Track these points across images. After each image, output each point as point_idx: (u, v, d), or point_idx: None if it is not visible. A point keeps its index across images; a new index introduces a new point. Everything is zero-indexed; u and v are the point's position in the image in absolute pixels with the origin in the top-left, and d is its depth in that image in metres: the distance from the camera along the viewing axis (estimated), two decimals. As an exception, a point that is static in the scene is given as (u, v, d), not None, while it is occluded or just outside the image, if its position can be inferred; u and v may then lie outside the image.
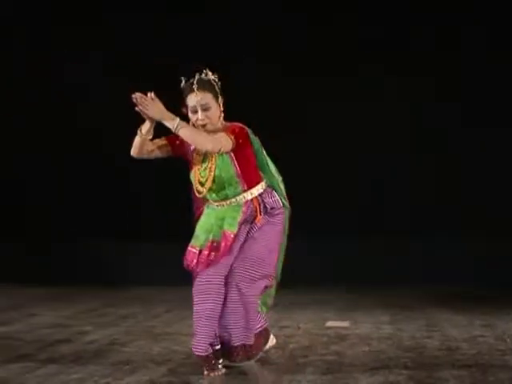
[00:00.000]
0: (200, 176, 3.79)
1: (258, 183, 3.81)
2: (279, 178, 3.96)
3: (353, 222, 8.34)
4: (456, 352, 4.25)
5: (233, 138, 3.68)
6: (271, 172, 3.90)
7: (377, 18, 8.41)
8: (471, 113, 8.29)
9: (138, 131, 3.78)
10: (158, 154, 3.84)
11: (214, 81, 3.76)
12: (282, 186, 3.94)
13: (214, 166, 3.74)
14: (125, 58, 8.58)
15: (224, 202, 3.79)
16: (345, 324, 5.33)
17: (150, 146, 3.80)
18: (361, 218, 8.41)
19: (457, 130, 8.35)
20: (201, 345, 3.77)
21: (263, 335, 3.99)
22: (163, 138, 3.85)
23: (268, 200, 3.80)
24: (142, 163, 4.03)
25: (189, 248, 3.82)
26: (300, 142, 8.28)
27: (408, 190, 8.43)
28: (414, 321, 5.50)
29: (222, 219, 3.76)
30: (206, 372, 3.77)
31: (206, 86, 3.71)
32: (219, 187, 3.76)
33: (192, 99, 3.71)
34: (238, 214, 3.75)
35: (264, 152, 3.89)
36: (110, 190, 8.67)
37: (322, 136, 8.42)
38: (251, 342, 3.88)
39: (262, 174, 3.84)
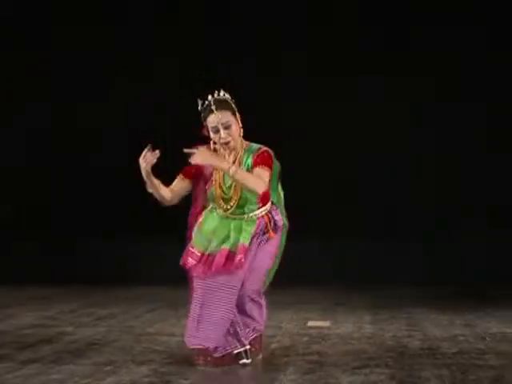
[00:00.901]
0: (223, 193, 3.91)
1: (268, 201, 3.98)
2: (282, 193, 4.09)
3: (337, 223, 8.36)
4: (437, 351, 4.27)
5: (269, 170, 3.82)
6: (279, 192, 4.06)
7: (377, 18, 8.43)
8: (471, 111, 8.31)
9: (147, 188, 3.83)
10: (184, 191, 3.97)
11: (230, 99, 3.89)
12: (282, 203, 4.07)
13: (240, 187, 3.86)
14: (125, 58, 8.57)
15: (238, 217, 3.93)
16: (326, 324, 5.34)
17: (173, 192, 3.91)
18: (343, 220, 8.42)
19: (456, 129, 8.39)
20: (205, 340, 3.85)
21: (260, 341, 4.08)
22: (181, 177, 3.93)
23: (276, 217, 3.96)
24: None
25: (189, 248, 3.92)
26: (300, 142, 8.31)
27: (408, 192, 8.46)
28: (395, 320, 5.52)
29: (239, 232, 3.90)
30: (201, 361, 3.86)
31: (223, 104, 3.84)
32: (241, 205, 3.91)
33: (212, 120, 3.83)
34: (252, 227, 3.91)
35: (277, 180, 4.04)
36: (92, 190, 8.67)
37: (323, 136, 8.45)
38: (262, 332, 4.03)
39: (270, 192, 3.99)
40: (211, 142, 3.89)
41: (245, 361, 3.93)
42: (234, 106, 3.87)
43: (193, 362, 3.93)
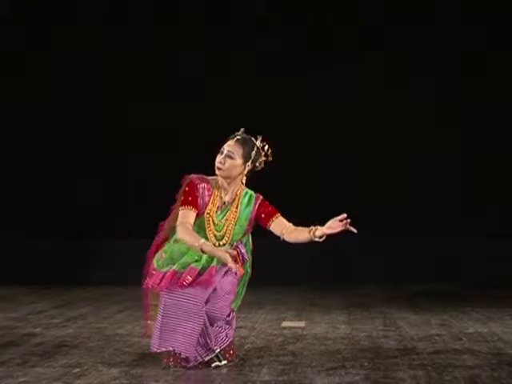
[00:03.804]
0: (216, 230, 3.95)
1: None
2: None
3: (308, 223, 8.32)
4: (412, 351, 4.23)
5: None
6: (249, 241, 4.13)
7: (377, 18, 8.41)
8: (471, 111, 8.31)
9: (201, 244, 3.79)
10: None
11: (257, 148, 3.98)
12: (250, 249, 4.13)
13: (233, 225, 3.94)
14: (125, 58, 8.48)
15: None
16: (301, 324, 5.29)
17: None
18: (313, 220, 8.39)
19: (456, 129, 8.39)
20: (180, 344, 3.80)
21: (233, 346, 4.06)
22: (192, 209, 3.89)
23: (243, 250, 4.00)
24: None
25: (152, 272, 3.90)
26: (297, 142, 8.28)
27: (383, 191, 8.45)
28: (370, 320, 5.48)
29: (213, 258, 3.90)
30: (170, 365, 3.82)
31: (244, 142, 3.96)
32: (231, 242, 3.96)
33: (226, 143, 3.97)
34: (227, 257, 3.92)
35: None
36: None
37: (321, 136, 8.43)
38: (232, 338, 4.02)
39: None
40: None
41: (217, 363, 3.87)
42: (252, 154, 3.93)
43: (164, 364, 3.85)
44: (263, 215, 3.96)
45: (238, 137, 3.95)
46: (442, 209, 8.43)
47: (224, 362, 3.88)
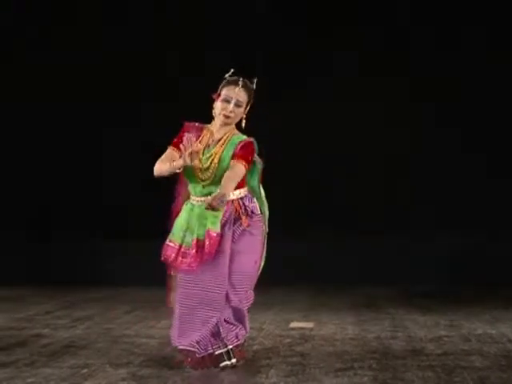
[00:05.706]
0: (201, 163, 3.89)
1: (240, 187, 3.94)
2: (265, 201, 4.10)
3: (323, 221, 8.34)
4: (421, 352, 4.22)
5: (246, 164, 3.87)
6: (261, 194, 4.07)
7: (377, 18, 8.41)
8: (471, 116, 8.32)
9: (171, 164, 3.85)
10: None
11: (254, 91, 4.01)
12: (262, 197, 4.08)
13: (216, 166, 3.88)
14: (125, 58, 8.50)
15: (207, 198, 3.87)
16: (309, 325, 5.28)
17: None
18: (318, 220, 8.40)
19: (456, 130, 8.38)
20: (189, 341, 3.81)
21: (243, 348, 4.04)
22: (176, 151, 3.92)
23: (248, 204, 3.95)
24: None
25: (167, 243, 3.93)
26: (297, 142, 8.28)
27: (382, 190, 8.44)
28: (379, 321, 5.46)
29: (206, 218, 3.87)
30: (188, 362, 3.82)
31: (248, 88, 3.99)
32: (217, 180, 3.86)
33: (232, 91, 3.93)
34: (220, 213, 3.87)
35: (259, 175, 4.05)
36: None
37: (321, 136, 8.42)
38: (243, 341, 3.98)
39: (245, 181, 3.97)
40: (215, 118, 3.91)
41: (226, 363, 3.86)
42: (252, 98, 3.98)
43: (171, 365, 3.85)
44: (235, 152, 3.88)
45: (241, 83, 3.94)
46: (442, 209, 8.43)
47: (233, 361, 3.87)
